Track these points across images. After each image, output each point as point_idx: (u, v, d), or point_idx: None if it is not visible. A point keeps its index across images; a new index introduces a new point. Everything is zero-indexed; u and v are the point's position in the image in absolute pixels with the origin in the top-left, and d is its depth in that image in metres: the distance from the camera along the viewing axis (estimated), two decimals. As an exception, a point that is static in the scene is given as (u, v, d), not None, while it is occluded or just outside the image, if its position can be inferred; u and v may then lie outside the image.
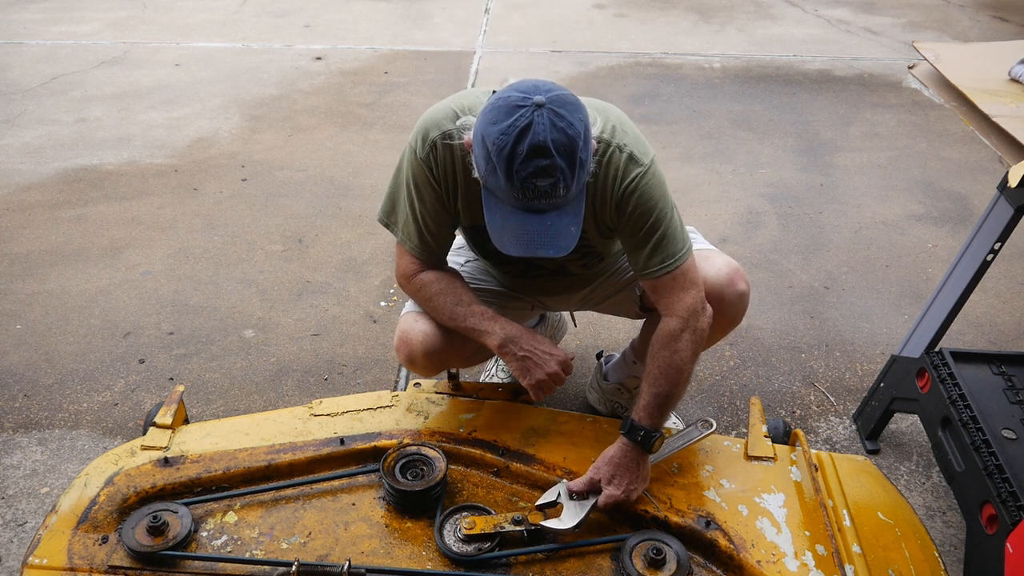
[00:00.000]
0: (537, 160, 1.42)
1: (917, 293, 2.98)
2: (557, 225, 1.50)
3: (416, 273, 1.80)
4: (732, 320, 1.86)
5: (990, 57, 2.23)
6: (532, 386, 1.76)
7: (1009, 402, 1.93)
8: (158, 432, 1.87)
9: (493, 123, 1.45)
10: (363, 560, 1.61)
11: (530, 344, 1.75)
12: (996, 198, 1.89)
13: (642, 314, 2.02)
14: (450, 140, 1.66)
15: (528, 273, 1.94)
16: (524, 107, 1.43)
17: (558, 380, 1.77)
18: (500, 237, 1.54)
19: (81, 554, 1.59)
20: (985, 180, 3.83)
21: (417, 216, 1.74)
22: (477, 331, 1.76)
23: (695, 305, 1.69)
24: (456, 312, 1.77)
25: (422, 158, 1.68)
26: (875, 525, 1.71)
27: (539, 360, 1.74)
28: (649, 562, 1.58)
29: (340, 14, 6.30)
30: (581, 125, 1.46)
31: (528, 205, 1.49)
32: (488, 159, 1.47)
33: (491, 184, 1.51)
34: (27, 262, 3.10)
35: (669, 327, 1.69)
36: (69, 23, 5.96)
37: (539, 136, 1.41)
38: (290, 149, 4.08)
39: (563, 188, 1.46)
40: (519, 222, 1.51)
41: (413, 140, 1.71)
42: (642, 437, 1.69)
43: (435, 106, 1.73)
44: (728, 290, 1.78)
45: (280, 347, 2.67)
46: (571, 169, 1.45)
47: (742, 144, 4.18)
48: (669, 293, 1.69)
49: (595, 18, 6.31)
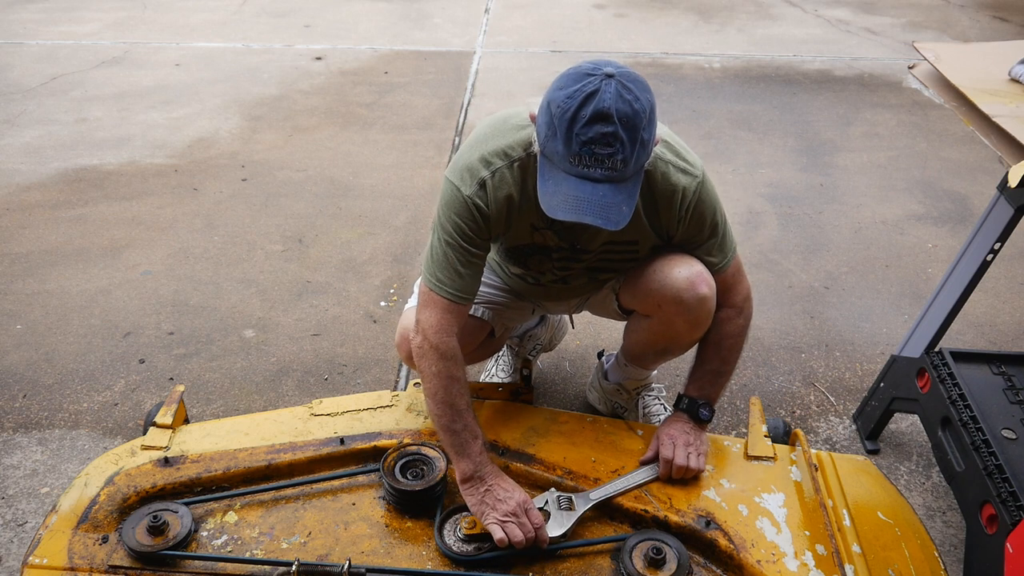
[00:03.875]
0: (598, 126, 1.41)
1: (917, 293, 2.98)
2: (609, 198, 1.47)
3: (449, 333, 1.69)
4: (695, 323, 1.83)
5: (990, 57, 2.23)
6: (497, 520, 1.62)
7: (1009, 402, 1.93)
8: (158, 432, 1.87)
9: (560, 88, 1.45)
10: (363, 560, 1.61)
11: (495, 480, 1.67)
12: (996, 198, 1.89)
13: (621, 315, 2.02)
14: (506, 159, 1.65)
15: (539, 279, 1.93)
16: (594, 75, 1.43)
17: (523, 527, 1.61)
18: (550, 200, 1.50)
19: (81, 554, 1.59)
20: (985, 180, 3.83)
21: (459, 256, 1.68)
22: (460, 445, 1.68)
23: (746, 294, 1.88)
24: (455, 417, 1.68)
25: (469, 194, 1.65)
26: (875, 525, 1.71)
27: (502, 495, 1.64)
28: (649, 562, 1.58)
29: (340, 14, 6.30)
30: (648, 104, 1.46)
31: (583, 172, 1.46)
32: (551, 124, 1.46)
33: (549, 150, 1.49)
34: (27, 262, 3.10)
35: (724, 315, 1.85)
36: (69, 23, 5.96)
37: (604, 103, 1.41)
38: (290, 149, 4.08)
39: (621, 160, 1.44)
40: (572, 187, 1.47)
41: (456, 179, 1.67)
42: (687, 404, 1.86)
43: (475, 144, 1.69)
44: (687, 293, 1.75)
45: (280, 347, 2.67)
46: (631, 143, 1.44)
47: (742, 144, 4.18)
48: (726, 291, 1.84)
49: (595, 18, 6.31)
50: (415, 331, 1.74)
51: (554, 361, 2.60)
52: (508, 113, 1.72)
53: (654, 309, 1.84)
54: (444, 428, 1.70)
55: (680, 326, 1.83)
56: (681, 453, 1.78)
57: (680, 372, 2.53)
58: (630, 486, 1.75)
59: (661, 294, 1.77)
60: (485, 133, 1.70)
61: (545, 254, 1.82)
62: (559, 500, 1.69)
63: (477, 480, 1.66)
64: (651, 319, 1.89)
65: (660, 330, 1.89)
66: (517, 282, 1.98)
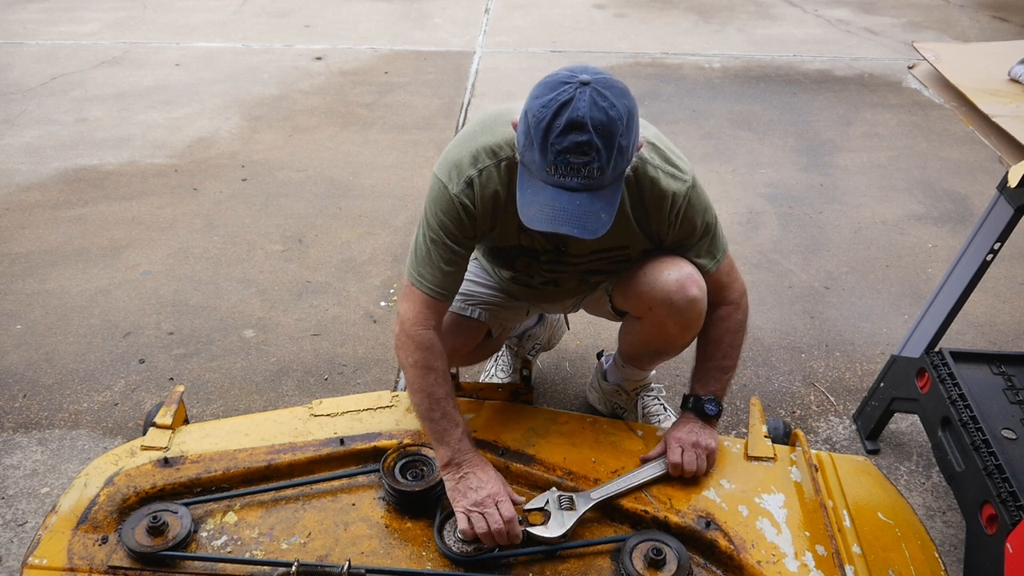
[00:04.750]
0: (573, 135, 1.41)
1: (917, 293, 2.98)
2: (587, 207, 1.46)
3: (426, 326, 1.70)
4: (686, 325, 1.82)
5: (990, 57, 2.23)
6: (464, 509, 1.63)
7: (1009, 402, 1.93)
8: (158, 432, 1.87)
9: (536, 97, 1.45)
10: (363, 560, 1.61)
11: (471, 469, 1.68)
12: (996, 198, 1.89)
13: (616, 316, 2.02)
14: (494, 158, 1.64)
15: (529, 283, 1.93)
16: (569, 83, 1.43)
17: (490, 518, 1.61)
18: (527, 211, 1.50)
19: (81, 554, 1.59)
20: (985, 180, 3.83)
21: (441, 253, 1.69)
22: (439, 432, 1.70)
23: (741, 290, 1.88)
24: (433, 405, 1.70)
25: (456, 192, 1.64)
26: (875, 525, 1.71)
27: (475, 483, 1.65)
28: (649, 562, 1.58)
29: (340, 14, 6.30)
30: (624, 110, 1.44)
31: (559, 182, 1.45)
32: (528, 133, 1.46)
33: (527, 159, 1.49)
34: (27, 262, 3.10)
35: (720, 312, 1.86)
36: (69, 23, 5.96)
37: (579, 112, 1.40)
38: (290, 149, 4.08)
39: (597, 169, 1.43)
40: (548, 197, 1.47)
41: (443, 176, 1.66)
42: (693, 403, 1.86)
43: (464, 141, 1.69)
44: (677, 296, 1.74)
45: (280, 347, 2.67)
46: (608, 151, 1.43)
47: (742, 144, 4.18)
48: (718, 289, 1.84)
49: (595, 18, 6.31)
50: (395, 323, 1.76)
51: (554, 361, 2.60)
52: (500, 110, 1.71)
53: (645, 311, 1.84)
54: (423, 416, 1.72)
55: (671, 328, 1.83)
56: (689, 456, 1.77)
57: (680, 372, 2.52)
58: (631, 485, 1.75)
59: (652, 296, 1.77)
60: (475, 130, 1.69)
61: (532, 256, 1.81)
62: (560, 500, 1.69)
63: (454, 467, 1.68)
64: (643, 321, 1.89)
65: (652, 332, 1.88)
66: (509, 284, 1.98)
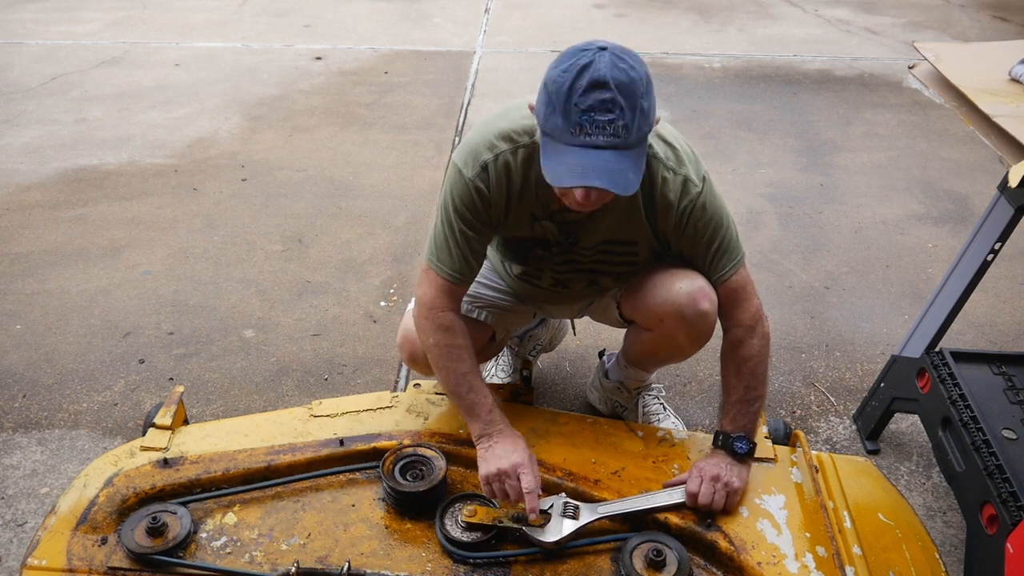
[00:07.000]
0: (596, 93, 1.41)
1: (917, 293, 2.98)
2: (614, 164, 1.44)
3: (443, 308, 1.73)
4: (696, 338, 1.82)
5: (990, 57, 2.23)
6: (484, 477, 1.69)
7: (1009, 402, 1.93)
8: (157, 433, 1.86)
9: (555, 67, 1.46)
10: (363, 561, 1.61)
11: (500, 439, 1.72)
12: (996, 198, 1.89)
13: (623, 323, 2.02)
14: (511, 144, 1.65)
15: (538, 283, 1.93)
16: (587, 50, 1.44)
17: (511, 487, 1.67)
18: (556, 170, 1.47)
19: (80, 555, 1.59)
20: (985, 180, 3.82)
21: (457, 238, 1.70)
22: (468, 407, 1.74)
23: (756, 313, 1.78)
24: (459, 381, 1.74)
25: (471, 176, 1.65)
26: (876, 526, 1.71)
27: (500, 453, 1.69)
28: (649, 563, 1.58)
29: (340, 14, 6.30)
30: (643, 73, 1.45)
31: (586, 141, 1.43)
32: (549, 102, 1.45)
33: (549, 126, 1.47)
34: (27, 262, 3.10)
35: (736, 336, 1.78)
36: (69, 23, 5.96)
37: (600, 71, 1.40)
38: (290, 149, 4.08)
39: (623, 126, 1.43)
40: (575, 157, 1.44)
41: (460, 161, 1.68)
42: (722, 441, 1.78)
43: (481, 128, 1.70)
44: (688, 309, 1.74)
45: (280, 347, 2.66)
46: (631, 109, 1.42)
47: (742, 144, 4.18)
48: (731, 307, 1.77)
49: (595, 18, 6.31)
50: (414, 307, 1.79)
51: (554, 361, 2.59)
52: (518, 102, 1.72)
53: (656, 323, 1.84)
54: (451, 392, 1.77)
55: (681, 340, 1.83)
56: (706, 488, 1.71)
57: (680, 372, 2.53)
58: (643, 508, 1.70)
59: (663, 309, 1.77)
60: (493, 116, 1.71)
61: (545, 248, 1.81)
62: (565, 507, 1.68)
63: (486, 437, 1.73)
64: (652, 332, 1.89)
65: (661, 343, 1.89)
66: (519, 284, 1.98)
